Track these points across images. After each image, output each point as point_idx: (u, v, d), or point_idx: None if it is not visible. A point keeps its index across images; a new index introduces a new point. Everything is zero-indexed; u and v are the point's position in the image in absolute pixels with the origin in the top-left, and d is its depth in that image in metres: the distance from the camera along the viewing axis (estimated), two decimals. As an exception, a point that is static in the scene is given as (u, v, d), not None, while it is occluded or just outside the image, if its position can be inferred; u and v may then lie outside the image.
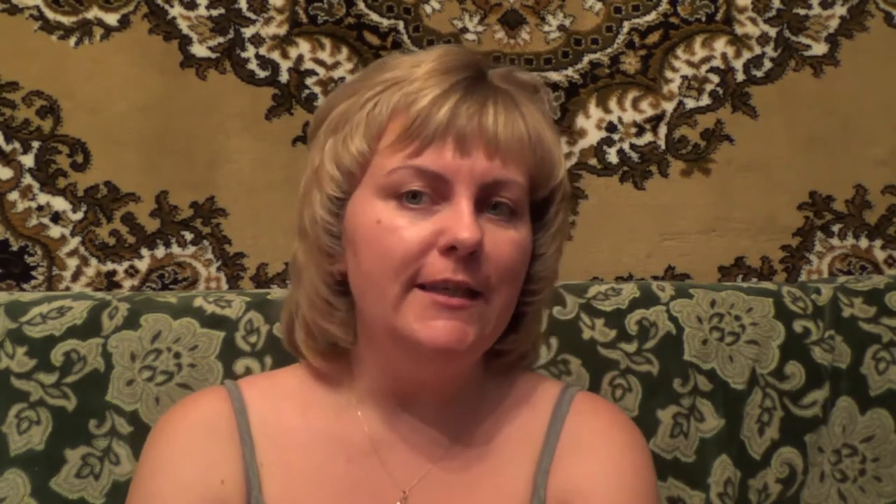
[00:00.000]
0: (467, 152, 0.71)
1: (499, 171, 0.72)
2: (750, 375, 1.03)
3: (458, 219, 0.70)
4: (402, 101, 0.73)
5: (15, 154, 1.16)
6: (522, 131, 0.74)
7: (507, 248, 0.73)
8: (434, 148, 0.71)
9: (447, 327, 0.70)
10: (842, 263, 1.26)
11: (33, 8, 1.17)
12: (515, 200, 0.74)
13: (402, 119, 0.73)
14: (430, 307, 0.70)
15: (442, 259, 0.70)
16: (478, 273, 0.71)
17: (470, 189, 0.71)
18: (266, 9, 1.21)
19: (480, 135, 0.72)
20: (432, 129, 0.71)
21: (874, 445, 1.04)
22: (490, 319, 0.73)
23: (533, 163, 0.75)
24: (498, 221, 0.73)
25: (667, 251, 1.25)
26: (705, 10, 1.26)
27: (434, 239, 0.71)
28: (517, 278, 0.75)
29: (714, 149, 1.26)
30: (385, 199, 0.72)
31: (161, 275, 1.18)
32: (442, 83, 0.73)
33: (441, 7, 1.24)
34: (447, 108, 0.72)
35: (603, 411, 0.82)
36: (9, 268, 1.15)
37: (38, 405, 0.95)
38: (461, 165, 0.71)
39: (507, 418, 0.80)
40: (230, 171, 1.20)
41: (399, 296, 0.71)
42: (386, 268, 0.71)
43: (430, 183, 0.71)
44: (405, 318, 0.71)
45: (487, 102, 0.73)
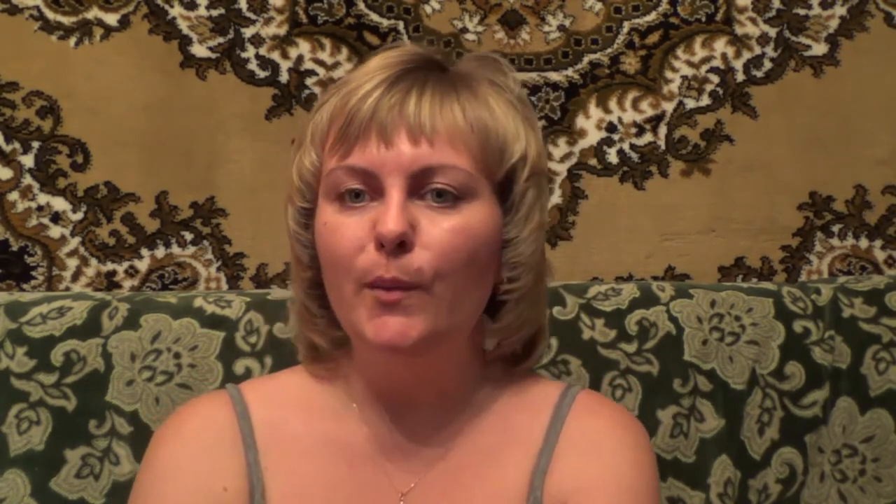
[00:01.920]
0: (390, 143, 0.71)
1: (428, 158, 0.71)
2: (750, 376, 1.03)
3: (386, 211, 0.70)
4: (339, 103, 0.74)
5: (15, 154, 1.16)
6: (455, 114, 0.72)
7: (445, 236, 0.71)
8: (360, 144, 0.71)
9: (391, 324, 0.69)
10: (842, 263, 1.26)
11: (33, 8, 1.17)
12: (458, 185, 0.71)
13: (338, 121, 0.74)
14: (376, 305, 0.70)
15: (376, 254, 0.70)
16: (411, 266, 0.69)
17: (398, 180, 0.70)
18: (266, 9, 1.21)
19: (402, 123, 0.71)
20: (357, 125, 0.72)
21: (874, 446, 1.04)
22: (440, 310, 0.71)
23: (476, 144, 0.73)
24: (439, 209, 0.71)
25: (667, 251, 1.25)
26: (705, 11, 1.26)
27: (371, 233, 0.70)
28: (467, 266, 0.72)
29: (714, 149, 1.26)
30: (331, 202, 0.73)
31: (161, 275, 1.18)
32: (374, 79, 0.73)
33: (441, 7, 1.24)
34: (373, 100, 0.72)
35: (604, 410, 0.81)
36: (9, 268, 1.15)
37: (38, 405, 0.95)
38: (385, 157, 0.71)
39: (505, 419, 0.79)
40: (230, 171, 1.20)
41: (352, 295, 0.71)
42: (336, 268, 0.72)
43: (363, 180, 0.71)
44: (358, 318, 0.71)
45: (411, 91, 0.72)
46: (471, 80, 0.76)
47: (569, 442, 0.77)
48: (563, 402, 0.80)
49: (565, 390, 0.82)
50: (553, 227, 1.24)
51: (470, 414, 0.79)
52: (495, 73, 0.78)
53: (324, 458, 0.77)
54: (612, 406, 0.84)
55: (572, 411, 0.79)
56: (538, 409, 0.80)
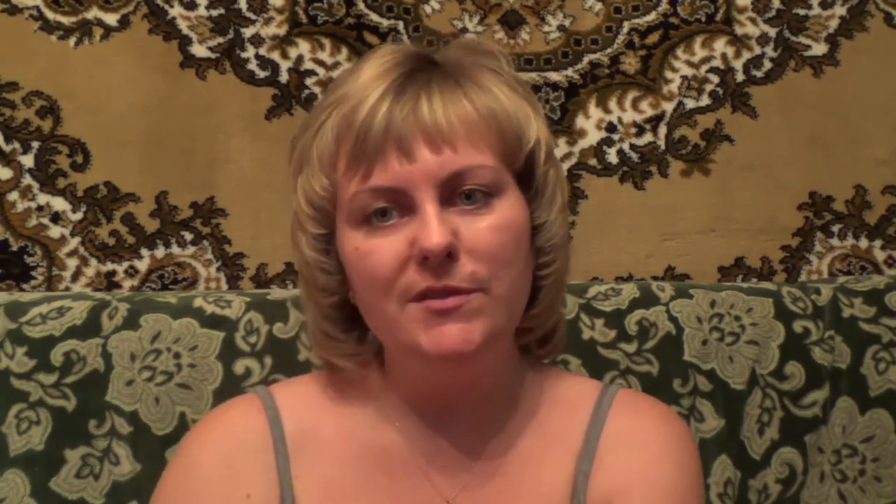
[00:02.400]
0: (412, 155, 0.68)
1: (453, 163, 0.69)
2: (750, 376, 1.03)
3: (424, 226, 0.67)
4: (343, 122, 0.71)
5: (15, 154, 1.16)
6: (468, 110, 0.70)
7: (488, 235, 0.69)
8: (381, 163, 0.69)
9: (451, 332, 0.67)
10: (842, 264, 1.26)
11: (33, 8, 1.17)
12: (488, 183, 0.70)
13: (347, 141, 0.71)
14: (429, 316, 0.68)
15: (421, 270, 0.68)
16: (460, 273, 0.68)
17: (428, 192, 0.68)
18: (266, 9, 1.21)
19: (419, 131, 0.69)
20: (373, 143, 0.69)
21: (874, 446, 1.04)
22: (499, 310, 0.70)
23: (496, 137, 0.71)
24: (473, 211, 0.70)
25: (667, 251, 1.25)
26: (705, 11, 1.26)
27: (409, 251, 0.68)
28: (514, 261, 0.71)
29: (714, 149, 1.25)
30: (356, 227, 0.71)
31: (161, 275, 1.18)
32: (378, 88, 0.71)
33: (441, 7, 1.24)
34: (382, 113, 0.69)
35: (644, 407, 0.79)
36: (8, 268, 1.15)
37: (38, 405, 0.95)
38: (411, 171, 0.68)
39: (545, 421, 0.78)
40: (230, 171, 1.20)
41: (396, 313, 0.69)
42: (375, 290, 0.70)
43: (390, 198, 0.69)
44: (407, 335, 0.69)
45: (420, 95, 0.70)
46: (468, 71, 0.74)
47: (610, 442, 0.76)
48: (602, 401, 0.78)
49: (604, 389, 0.80)
50: (553, 227, 1.24)
51: (507, 416, 0.77)
52: (487, 59, 0.76)
53: (360, 466, 0.75)
54: (653, 403, 0.82)
55: (612, 410, 0.77)
56: (575, 407, 0.78)
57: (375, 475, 0.75)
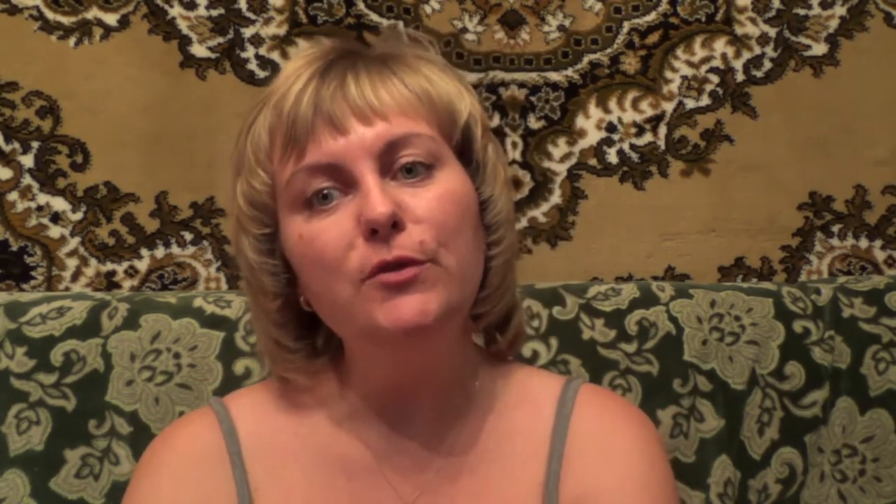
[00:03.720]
0: (344, 130, 0.68)
1: (387, 133, 0.68)
2: (750, 376, 1.03)
3: (366, 198, 0.66)
4: (273, 113, 0.71)
5: (15, 154, 1.16)
6: (399, 87, 0.70)
7: (433, 204, 0.68)
8: (313, 141, 0.68)
9: (408, 304, 0.66)
10: (842, 264, 1.26)
11: (33, 8, 1.17)
12: (427, 152, 0.69)
13: (279, 130, 0.70)
14: (385, 292, 0.66)
15: (370, 245, 0.66)
16: (410, 242, 0.66)
17: (366, 164, 0.67)
18: (266, 9, 1.21)
19: (349, 107, 0.68)
20: (302, 124, 0.68)
21: (874, 446, 1.04)
22: (452, 282, 0.68)
23: (429, 111, 0.71)
24: (416, 183, 0.69)
25: (667, 251, 1.25)
26: (705, 11, 1.26)
27: (356, 228, 0.67)
28: (462, 230, 0.69)
29: (714, 149, 1.26)
30: (298, 212, 0.69)
31: (161, 275, 1.18)
32: (302, 76, 0.71)
33: (441, 7, 1.24)
34: (309, 95, 0.69)
35: (609, 405, 0.79)
36: (8, 268, 1.15)
37: (38, 405, 0.95)
38: (345, 146, 0.68)
39: (508, 418, 0.77)
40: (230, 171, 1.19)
41: (351, 296, 0.67)
42: (326, 275, 0.68)
43: (329, 175, 0.68)
44: (366, 314, 0.67)
45: (346, 75, 0.70)
46: (395, 55, 0.74)
47: (579, 442, 0.75)
48: (566, 397, 0.77)
49: (566, 384, 0.79)
50: (553, 227, 1.24)
51: (467, 413, 0.76)
52: (415, 47, 0.76)
53: (320, 472, 0.74)
54: (616, 400, 0.82)
55: (577, 407, 0.77)
56: (540, 404, 0.77)
57: (336, 481, 0.73)
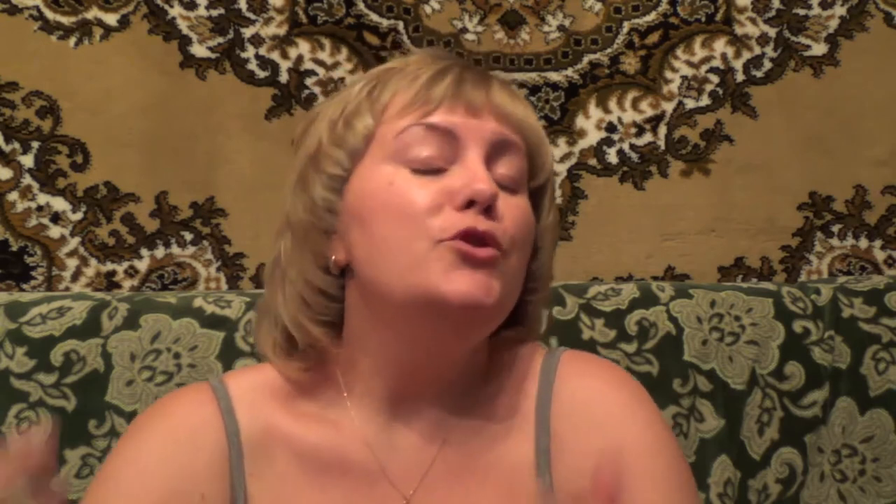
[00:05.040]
0: (477, 114, 0.71)
1: (508, 133, 0.72)
2: (750, 376, 1.03)
3: (474, 173, 0.69)
4: (402, 80, 0.73)
5: (15, 154, 1.16)
6: (522, 111, 0.75)
7: (517, 212, 0.71)
8: (444, 109, 0.71)
9: (475, 280, 0.66)
10: (841, 264, 1.26)
11: (33, 8, 1.17)
12: (518, 170, 0.73)
13: (405, 93, 0.72)
14: (458, 259, 0.66)
15: (460, 214, 0.67)
16: (501, 226, 0.69)
17: (481, 147, 0.70)
18: (266, 9, 1.21)
19: (488, 102, 0.72)
20: (440, 93, 0.71)
21: (874, 446, 1.04)
22: (511, 280, 0.70)
23: (531, 144, 0.75)
24: (505, 188, 0.71)
25: (667, 251, 1.25)
26: (705, 11, 1.26)
27: (447, 197, 0.68)
28: (526, 249, 0.73)
29: (714, 149, 1.26)
30: (396, 165, 0.70)
31: (161, 275, 1.18)
32: (437, 64, 0.74)
33: (441, 7, 1.24)
34: (451, 78, 0.72)
35: (592, 370, 0.76)
36: (8, 268, 1.15)
37: (38, 405, 0.95)
38: (472, 124, 0.71)
39: (497, 400, 0.75)
40: (230, 171, 1.20)
41: (424, 252, 0.67)
42: (404, 226, 0.68)
43: (440, 142, 0.70)
44: (429, 275, 0.66)
45: (491, 79, 0.75)
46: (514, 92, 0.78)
47: (565, 412, 0.73)
48: (549, 366, 0.75)
49: (549, 353, 0.77)
50: (553, 227, 1.24)
51: (466, 406, 0.75)
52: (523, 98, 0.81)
53: (315, 464, 0.72)
54: (601, 364, 0.79)
55: (559, 375, 0.75)
56: (524, 380, 0.76)
57: (331, 473, 0.72)
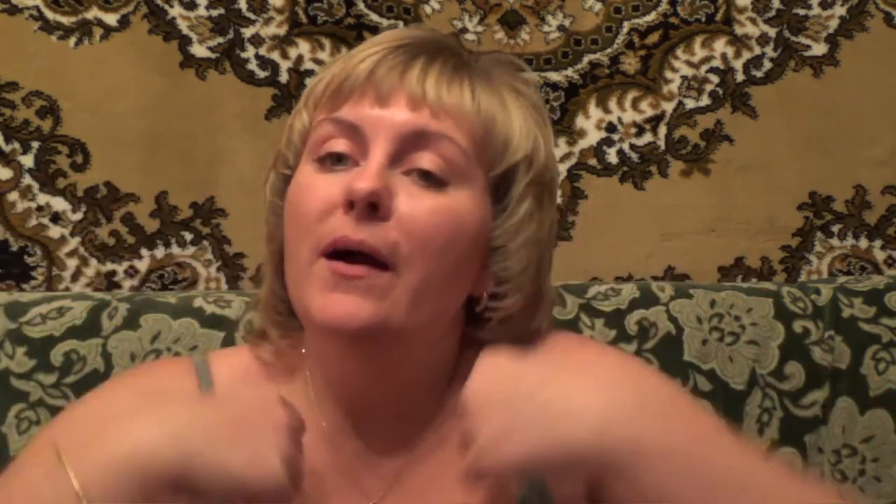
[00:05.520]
0: (383, 102, 0.66)
1: (425, 123, 0.66)
2: (750, 376, 1.03)
3: (359, 171, 0.64)
4: (338, 69, 0.70)
5: (15, 154, 1.16)
6: (464, 94, 0.67)
7: (425, 212, 0.64)
8: (353, 101, 0.67)
9: (342, 302, 0.62)
10: (842, 264, 1.26)
11: (33, 8, 1.17)
12: (449, 160, 0.65)
13: (334, 82, 0.70)
14: (330, 278, 0.63)
15: (344, 217, 0.63)
16: (382, 234, 0.63)
17: (386, 141, 0.65)
18: (266, 9, 1.21)
19: (402, 88, 0.66)
20: (351, 82, 0.68)
21: (874, 446, 1.04)
22: (401, 299, 0.63)
23: (479, 127, 0.67)
24: (423, 186, 0.65)
25: (667, 251, 1.25)
26: (705, 11, 1.26)
27: (342, 197, 0.64)
28: (444, 254, 0.65)
29: (714, 149, 1.26)
30: (310, 163, 0.68)
31: (161, 275, 1.18)
32: (377, 46, 0.70)
33: (441, 7, 1.24)
34: (368, 62, 0.68)
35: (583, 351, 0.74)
36: (8, 268, 1.15)
37: (38, 405, 0.95)
38: (379, 116, 0.66)
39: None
40: (230, 171, 1.20)
41: (306, 264, 0.64)
42: (297, 232, 0.66)
43: (349, 136, 0.66)
44: (309, 292, 0.64)
45: (416, 59, 0.68)
46: (489, 75, 0.71)
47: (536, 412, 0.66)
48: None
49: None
50: (553, 227, 1.24)
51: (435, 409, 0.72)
52: (516, 80, 0.73)
53: None
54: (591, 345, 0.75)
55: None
56: None
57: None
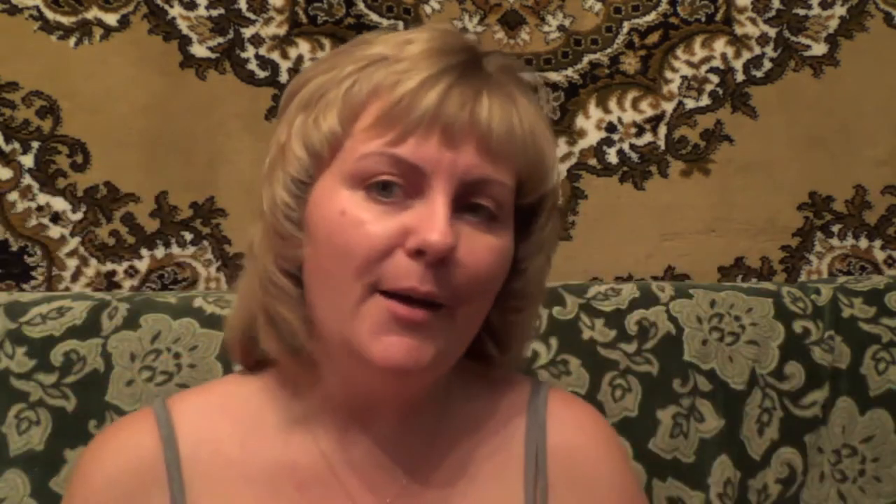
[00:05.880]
0: (454, 145, 0.63)
1: (486, 170, 0.64)
2: (750, 376, 1.03)
3: (430, 218, 0.62)
4: (387, 80, 0.64)
5: (15, 154, 1.16)
6: (517, 128, 0.66)
7: (484, 255, 0.64)
8: (417, 137, 0.63)
9: (403, 345, 0.62)
10: (841, 264, 1.26)
11: (33, 8, 1.17)
12: (499, 203, 0.66)
13: (383, 100, 0.64)
14: (389, 319, 0.62)
15: (408, 262, 0.62)
16: (448, 283, 0.63)
17: (449, 185, 0.63)
18: (266, 9, 1.21)
19: (472, 127, 0.64)
20: (418, 114, 0.63)
21: (874, 446, 1.04)
22: (453, 336, 0.65)
23: (524, 163, 0.67)
24: (476, 224, 0.65)
25: (667, 251, 1.25)
26: (705, 11, 1.26)
27: (402, 238, 0.62)
28: (491, 290, 0.67)
29: (714, 149, 1.26)
30: (352, 188, 0.64)
31: (161, 275, 1.18)
32: (433, 65, 0.65)
33: (441, 7, 1.24)
34: (437, 92, 0.63)
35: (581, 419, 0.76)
36: (8, 268, 1.15)
37: (38, 405, 0.95)
38: (444, 158, 0.63)
39: (476, 427, 0.73)
40: (230, 171, 1.20)
41: (358, 300, 0.63)
42: (347, 266, 0.63)
43: (404, 174, 0.63)
44: (359, 329, 0.63)
45: (482, 91, 0.65)
46: (521, 94, 0.70)
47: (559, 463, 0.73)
48: (536, 405, 0.75)
49: (534, 390, 0.76)
50: (553, 227, 1.24)
51: (436, 424, 0.72)
52: (527, 89, 0.71)
53: (265, 482, 0.68)
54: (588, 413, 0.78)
55: (551, 420, 0.74)
56: (508, 411, 0.74)
57: (284, 491, 0.68)
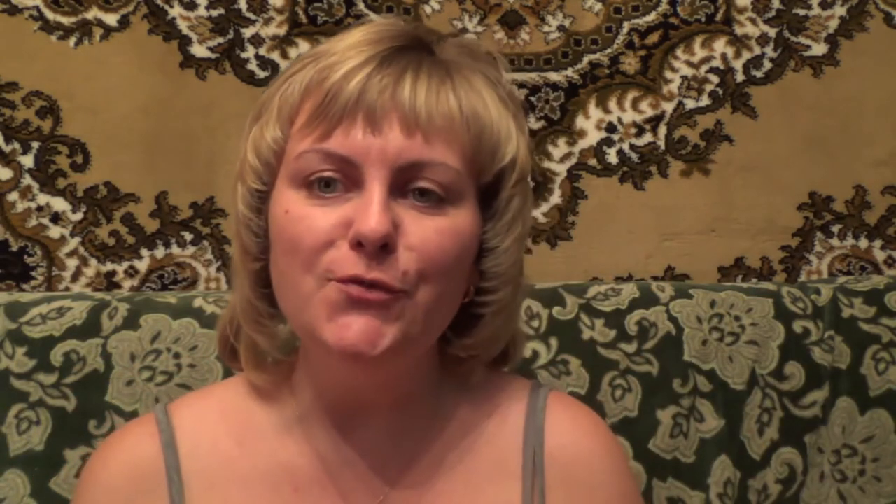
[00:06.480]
0: (378, 130, 0.63)
1: (419, 151, 0.64)
2: (750, 376, 1.03)
3: (366, 209, 0.62)
4: (316, 77, 0.66)
5: (15, 154, 1.16)
6: (451, 105, 0.65)
7: (432, 237, 0.64)
8: (343, 128, 0.63)
9: (359, 326, 0.62)
10: (841, 264, 1.26)
11: (33, 8, 1.17)
12: (446, 185, 0.65)
13: (314, 97, 0.65)
14: (343, 300, 0.62)
15: (353, 253, 0.62)
16: (394, 268, 0.62)
17: (382, 172, 0.63)
18: (266, 9, 1.21)
19: (395, 109, 0.63)
20: (340, 105, 0.63)
21: (874, 446, 1.04)
22: (416, 318, 0.64)
23: (468, 141, 0.66)
24: (423, 208, 0.64)
25: (667, 251, 1.25)
26: (705, 11, 1.26)
27: (344, 229, 0.63)
28: (451, 271, 0.66)
29: (714, 149, 1.26)
30: (296, 189, 0.65)
31: (161, 275, 1.18)
32: (359, 55, 0.65)
33: (441, 7, 1.24)
34: (359, 78, 0.64)
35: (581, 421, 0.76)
36: (8, 268, 1.15)
37: (38, 405, 0.95)
38: (371, 145, 0.63)
39: (472, 428, 0.73)
40: (230, 171, 1.17)
41: (313, 290, 0.63)
42: (295, 260, 0.64)
43: (340, 168, 0.64)
44: (315, 315, 0.63)
45: (406, 72, 0.65)
46: (462, 69, 0.69)
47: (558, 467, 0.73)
48: (535, 407, 0.74)
49: (532, 392, 0.76)
50: (553, 227, 1.24)
51: (429, 424, 0.72)
52: (487, 67, 0.71)
53: (261, 483, 0.69)
54: (587, 415, 0.78)
55: (549, 423, 0.74)
56: (506, 413, 0.74)
57: (280, 492, 0.69)
